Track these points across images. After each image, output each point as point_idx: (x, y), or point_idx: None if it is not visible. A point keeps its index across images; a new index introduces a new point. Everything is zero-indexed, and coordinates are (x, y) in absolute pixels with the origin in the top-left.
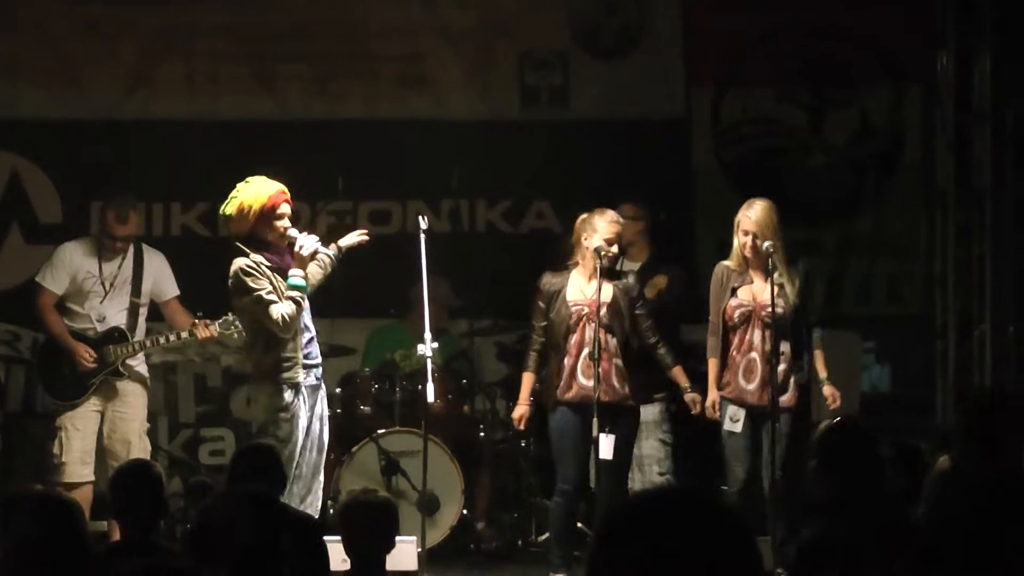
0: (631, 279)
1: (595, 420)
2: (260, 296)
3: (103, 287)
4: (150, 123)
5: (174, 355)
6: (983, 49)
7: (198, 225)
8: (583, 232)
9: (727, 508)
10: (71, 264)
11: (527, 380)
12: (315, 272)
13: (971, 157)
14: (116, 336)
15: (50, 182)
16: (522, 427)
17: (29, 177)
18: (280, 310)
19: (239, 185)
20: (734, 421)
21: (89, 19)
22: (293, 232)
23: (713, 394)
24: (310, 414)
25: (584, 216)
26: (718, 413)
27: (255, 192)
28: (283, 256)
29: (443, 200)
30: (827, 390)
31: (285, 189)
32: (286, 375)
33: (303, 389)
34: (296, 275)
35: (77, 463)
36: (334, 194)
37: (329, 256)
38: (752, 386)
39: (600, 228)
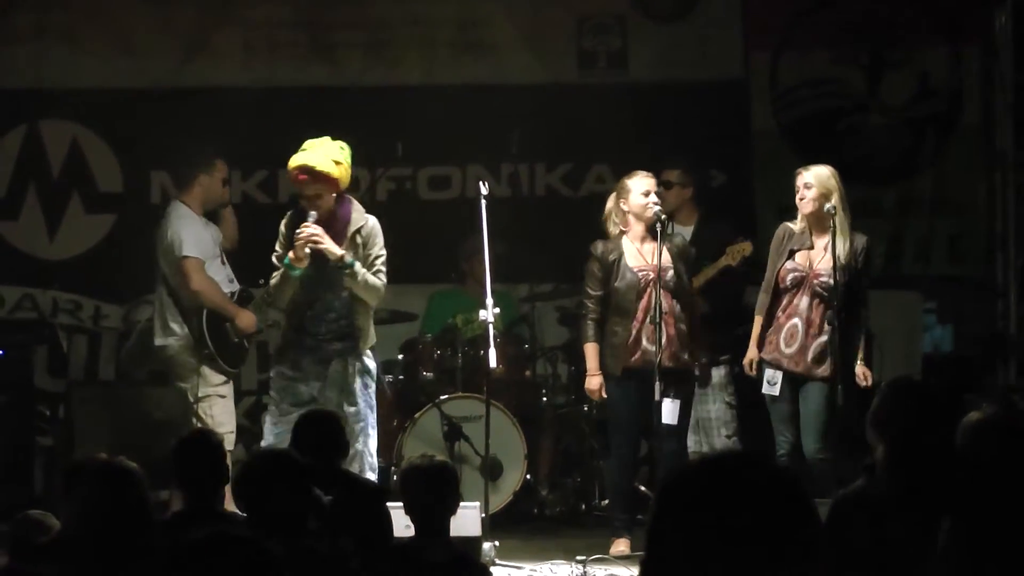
0: (681, 240)
1: (657, 385)
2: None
3: (219, 249)
4: (208, 90)
5: None
6: None
7: (257, 192)
8: (620, 198)
9: (785, 472)
10: (198, 229)
11: (593, 350)
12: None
13: None
14: (246, 296)
15: (110, 151)
16: (600, 397)
17: (89, 146)
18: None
19: (339, 143)
20: (772, 384)
21: None
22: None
23: (752, 352)
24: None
25: (617, 185)
26: (755, 371)
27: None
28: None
29: (502, 165)
30: (859, 369)
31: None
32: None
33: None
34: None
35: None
36: (394, 160)
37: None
38: (791, 350)
39: (633, 188)
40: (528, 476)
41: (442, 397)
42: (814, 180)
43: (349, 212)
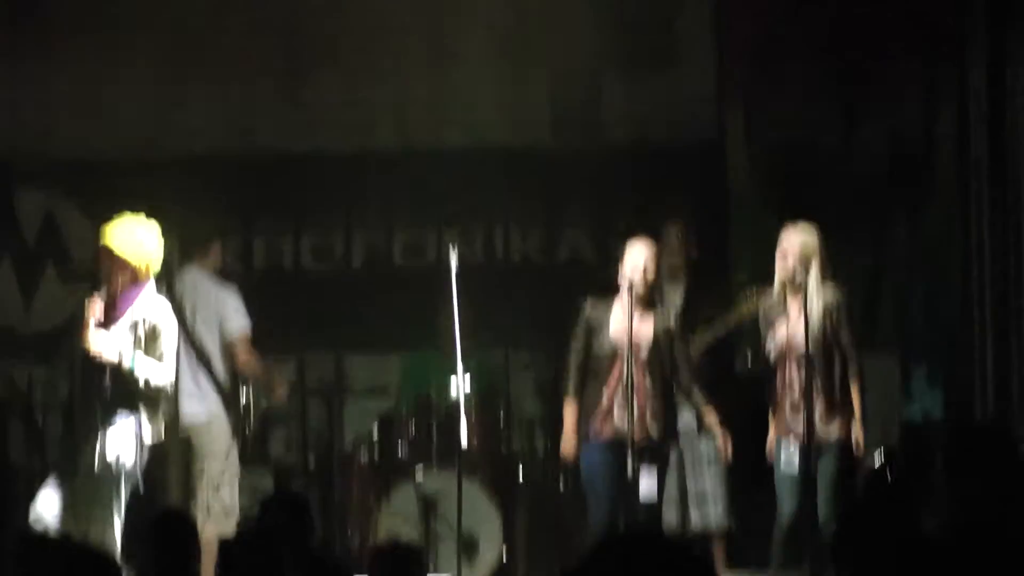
0: (664, 312)
1: (629, 459)
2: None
3: None
4: (183, 159)
5: None
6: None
7: (233, 260)
8: (622, 262)
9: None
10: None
11: (571, 410)
12: None
13: (1005, 169)
14: None
15: (85, 220)
16: (573, 460)
17: (63, 216)
18: None
19: (149, 222)
20: (789, 462)
21: (119, 56)
22: None
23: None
24: None
25: None
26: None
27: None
28: None
29: (476, 230)
30: (855, 432)
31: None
32: None
33: None
34: None
35: None
36: (367, 226)
37: None
38: (798, 419)
39: (627, 256)
40: (505, 551)
41: (417, 472)
42: (796, 246)
43: (136, 297)
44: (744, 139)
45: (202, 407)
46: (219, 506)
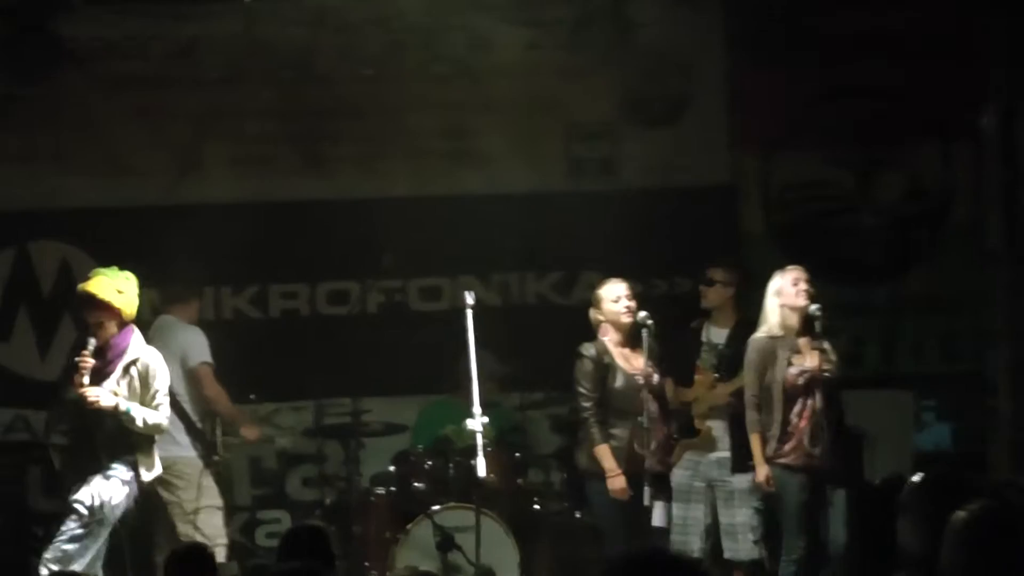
0: (653, 344)
1: (647, 489)
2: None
3: None
4: (198, 207)
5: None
6: None
7: (249, 307)
8: (594, 307)
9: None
10: (202, 337)
11: (606, 451)
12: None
13: (1019, 214)
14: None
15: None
16: (625, 495)
17: (79, 266)
18: None
19: (125, 273)
20: (804, 490)
21: (134, 106)
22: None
23: (765, 469)
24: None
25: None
26: (773, 487)
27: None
28: None
29: (493, 273)
30: None
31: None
32: None
33: None
34: None
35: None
36: (382, 271)
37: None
38: (818, 450)
39: (605, 295)
40: None
41: (434, 507)
42: (805, 283)
43: (127, 343)
44: (758, 184)
45: (170, 440)
46: (200, 536)
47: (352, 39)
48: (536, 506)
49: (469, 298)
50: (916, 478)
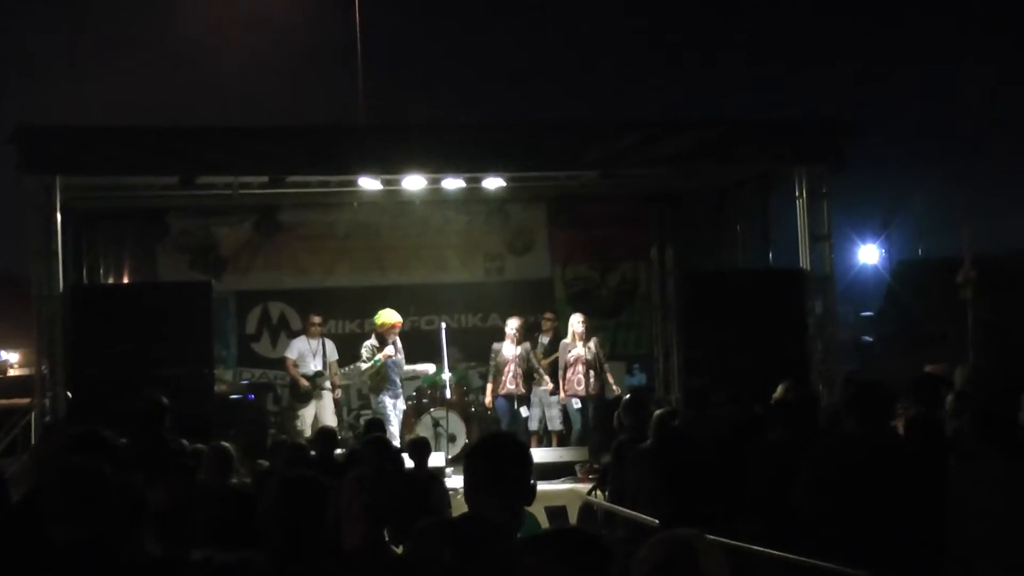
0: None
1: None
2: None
3: (312, 352)
4: (336, 288)
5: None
6: (674, 245)
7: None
8: (506, 329)
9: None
10: (296, 345)
11: (490, 387)
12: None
13: (667, 291)
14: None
15: (296, 313)
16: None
17: (288, 314)
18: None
19: (381, 311)
20: (577, 407)
21: (309, 247)
22: (389, 350)
23: (561, 394)
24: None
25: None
26: (565, 401)
27: (383, 317)
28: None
29: (455, 313)
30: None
31: (393, 321)
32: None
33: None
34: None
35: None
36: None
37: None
38: (582, 388)
39: (507, 325)
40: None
41: (431, 409)
42: (582, 321)
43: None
44: (561, 279)
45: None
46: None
47: (395, 219)
48: (472, 409)
49: (443, 324)
50: (627, 396)
